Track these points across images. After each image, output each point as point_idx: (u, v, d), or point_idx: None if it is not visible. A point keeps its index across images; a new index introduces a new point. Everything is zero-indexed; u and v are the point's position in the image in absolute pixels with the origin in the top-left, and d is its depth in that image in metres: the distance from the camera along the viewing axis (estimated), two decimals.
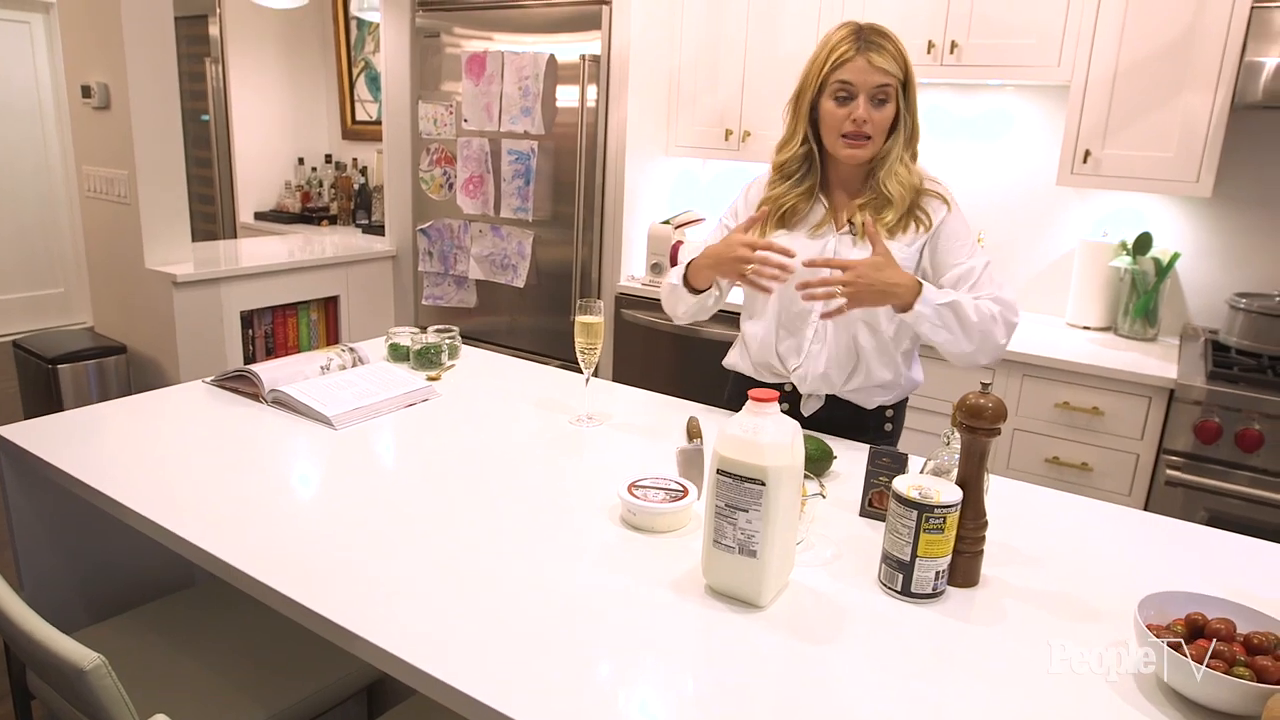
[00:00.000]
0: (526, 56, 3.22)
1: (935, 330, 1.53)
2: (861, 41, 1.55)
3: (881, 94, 1.56)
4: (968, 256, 1.62)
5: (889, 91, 1.56)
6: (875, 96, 1.56)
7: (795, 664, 1.00)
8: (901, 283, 1.50)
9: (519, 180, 3.35)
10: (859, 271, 1.48)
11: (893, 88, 1.56)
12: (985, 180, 3.01)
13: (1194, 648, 0.94)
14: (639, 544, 1.27)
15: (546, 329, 3.44)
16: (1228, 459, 2.23)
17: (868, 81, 1.55)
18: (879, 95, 1.56)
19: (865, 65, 1.54)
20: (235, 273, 3.29)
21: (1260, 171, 2.61)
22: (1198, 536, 1.41)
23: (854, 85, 1.55)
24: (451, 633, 1.03)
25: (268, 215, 4.72)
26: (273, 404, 1.76)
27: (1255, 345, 2.44)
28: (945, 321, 1.53)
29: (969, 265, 1.61)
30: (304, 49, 4.78)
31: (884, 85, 1.55)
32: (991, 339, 1.56)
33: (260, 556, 1.18)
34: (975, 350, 1.56)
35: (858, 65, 1.54)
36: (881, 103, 1.56)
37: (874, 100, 1.56)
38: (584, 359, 1.70)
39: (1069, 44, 2.53)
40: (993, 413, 1.14)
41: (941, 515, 1.10)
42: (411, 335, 2.08)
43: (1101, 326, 2.81)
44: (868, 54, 1.54)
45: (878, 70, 1.54)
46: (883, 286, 1.49)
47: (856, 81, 1.55)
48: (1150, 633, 0.96)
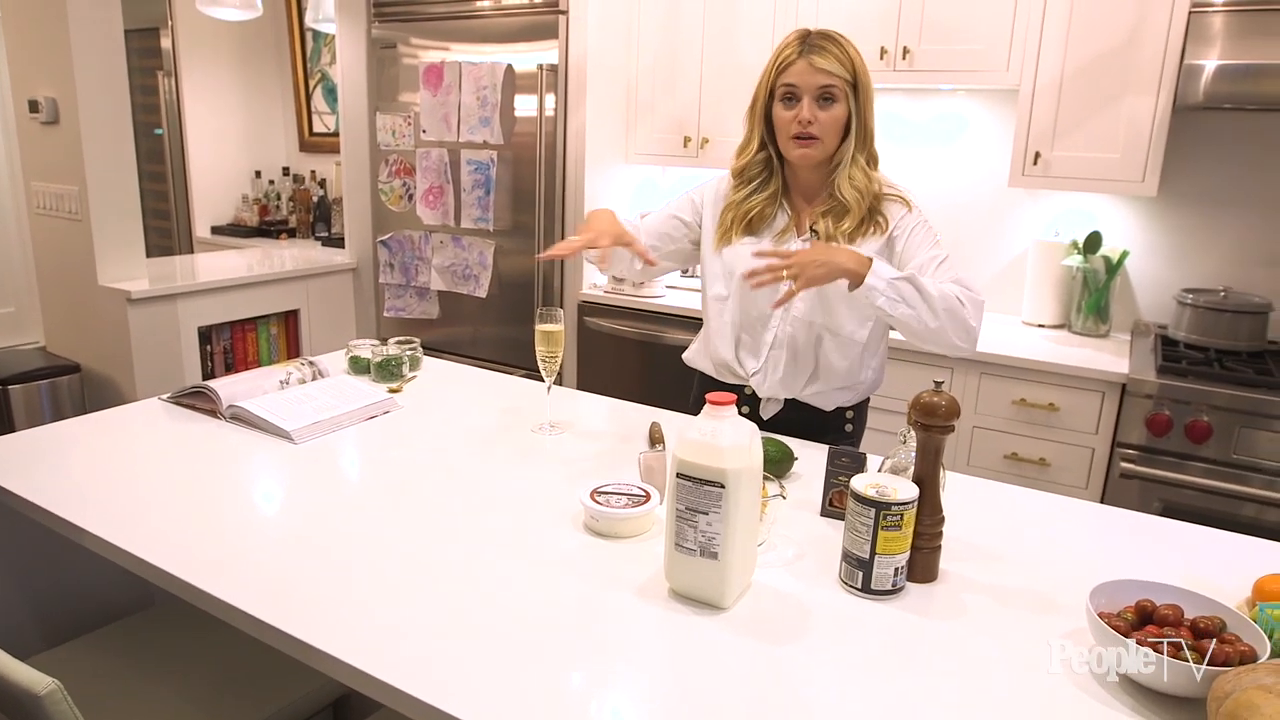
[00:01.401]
0: (484, 66, 3.21)
1: (894, 304, 1.49)
2: (805, 45, 1.59)
3: (826, 94, 1.58)
4: (927, 248, 1.63)
5: (834, 92, 1.58)
6: (820, 96, 1.58)
7: (759, 664, 1.01)
8: (843, 255, 1.50)
9: (479, 190, 3.34)
10: (798, 255, 1.48)
11: (838, 88, 1.58)
12: (941, 183, 3.06)
13: (1143, 634, 0.97)
14: (603, 550, 1.27)
15: (510, 338, 3.43)
16: (1179, 450, 2.28)
17: (811, 83, 1.57)
18: (823, 95, 1.58)
19: (807, 67, 1.57)
20: (192, 288, 3.24)
21: (1203, 171, 2.68)
22: (1150, 526, 1.45)
23: (798, 87, 1.58)
24: (416, 644, 1.03)
25: (225, 229, 4.66)
26: (231, 420, 1.74)
27: (1202, 339, 2.50)
28: (904, 295, 1.50)
29: (928, 255, 1.61)
30: (259, 61, 4.73)
31: (827, 85, 1.57)
32: (959, 317, 1.52)
33: (220, 574, 1.17)
34: (943, 327, 1.52)
35: (800, 67, 1.58)
36: (828, 102, 1.59)
37: (819, 100, 1.58)
38: (545, 367, 1.70)
39: (1017, 49, 2.59)
40: (946, 410, 1.16)
41: (899, 512, 1.12)
42: (372, 347, 2.07)
43: (1056, 324, 2.87)
44: (810, 56, 1.57)
45: (820, 71, 1.56)
46: (822, 259, 1.47)
47: (800, 83, 1.58)
48: (1101, 620, 0.98)
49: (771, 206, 1.70)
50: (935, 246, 1.63)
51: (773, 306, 1.62)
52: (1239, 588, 1.15)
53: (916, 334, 1.54)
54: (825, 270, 1.47)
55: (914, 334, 1.54)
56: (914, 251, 1.63)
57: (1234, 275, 2.67)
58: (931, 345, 1.57)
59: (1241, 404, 2.19)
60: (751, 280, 1.51)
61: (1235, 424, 2.21)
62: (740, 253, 1.70)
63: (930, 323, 1.51)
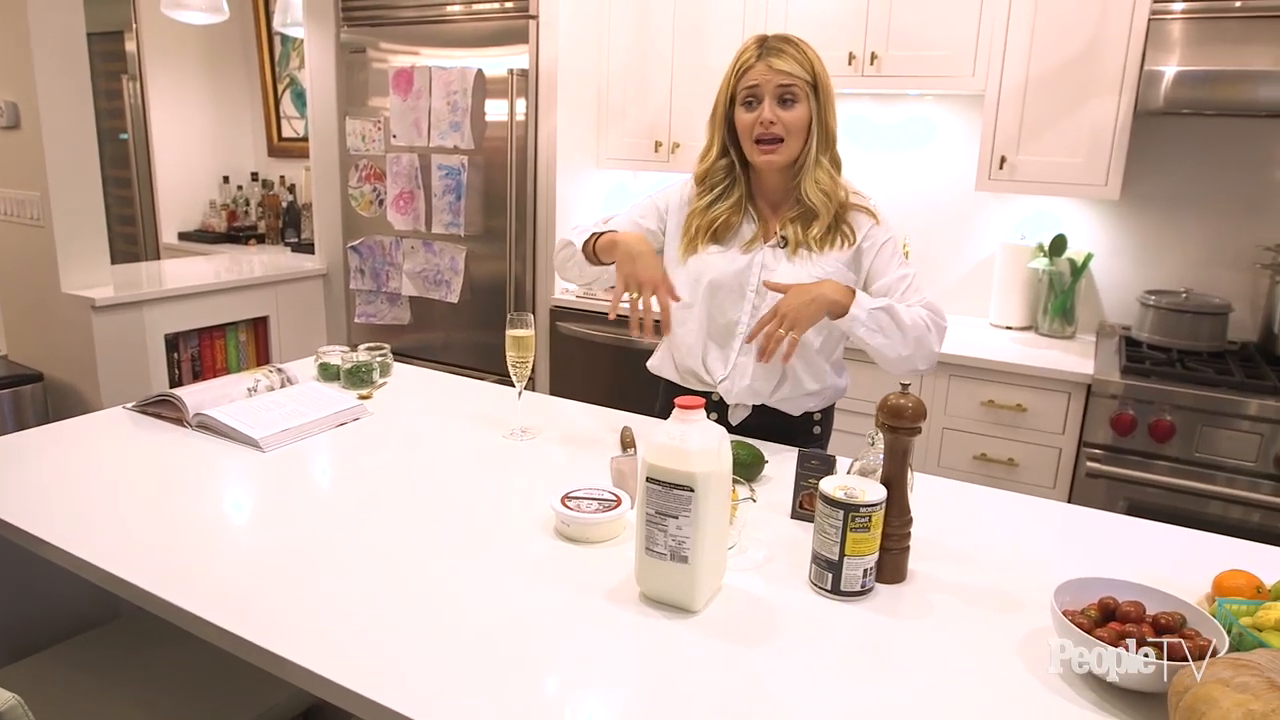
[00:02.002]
0: (454, 71, 3.20)
1: (872, 334, 1.55)
2: (764, 49, 1.60)
3: (786, 94, 1.59)
4: (896, 267, 1.67)
5: (794, 92, 1.59)
6: (781, 97, 1.59)
7: (730, 666, 1.02)
8: (825, 287, 1.54)
9: (450, 195, 3.33)
10: (784, 306, 1.51)
11: (799, 88, 1.59)
12: (909, 187, 3.09)
13: (1106, 630, 0.99)
14: (574, 555, 1.27)
15: (482, 344, 3.42)
16: (1143, 449, 2.32)
17: (771, 83, 1.59)
18: (784, 95, 1.59)
19: (766, 68, 1.59)
20: (158, 295, 3.19)
21: (1164, 174, 2.73)
22: (1115, 525, 1.47)
23: (758, 89, 1.60)
24: (386, 654, 1.02)
25: (192, 235, 4.60)
26: (198, 428, 1.72)
27: (1165, 340, 2.55)
28: (881, 325, 1.55)
29: (898, 275, 1.65)
30: (226, 65, 4.68)
31: (787, 85, 1.59)
32: (926, 344, 1.59)
33: (186, 585, 1.15)
34: (913, 354, 1.58)
35: (759, 69, 1.59)
36: (789, 103, 1.60)
37: (780, 101, 1.60)
38: (516, 373, 1.70)
39: (982, 55, 2.62)
40: (913, 412, 1.17)
41: (867, 514, 1.13)
42: (342, 354, 2.05)
43: (1023, 326, 2.91)
44: (768, 59, 1.59)
45: (779, 72, 1.58)
46: (810, 298, 1.51)
47: (760, 84, 1.59)
48: (1066, 619, 1.00)
49: (737, 215, 1.71)
50: (903, 265, 1.68)
51: (784, 361, 1.58)
52: (1199, 584, 1.17)
53: (885, 359, 1.60)
54: (816, 307, 1.52)
55: (882, 359, 1.60)
56: (883, 269, 1.66)
57: (1195, 277, 2.73)
58: (893, 369, 1.61)
59: (1203, 403, 2.23)
60: (762, 359, 1.54)
61: (1197, 423, 2.25)
62: (707, 261, 1.70)
63: (902, 351, 1.57)
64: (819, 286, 1.54)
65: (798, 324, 1.51)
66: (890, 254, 1.67)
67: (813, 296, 1.52)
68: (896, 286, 1.64)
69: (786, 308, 1.51)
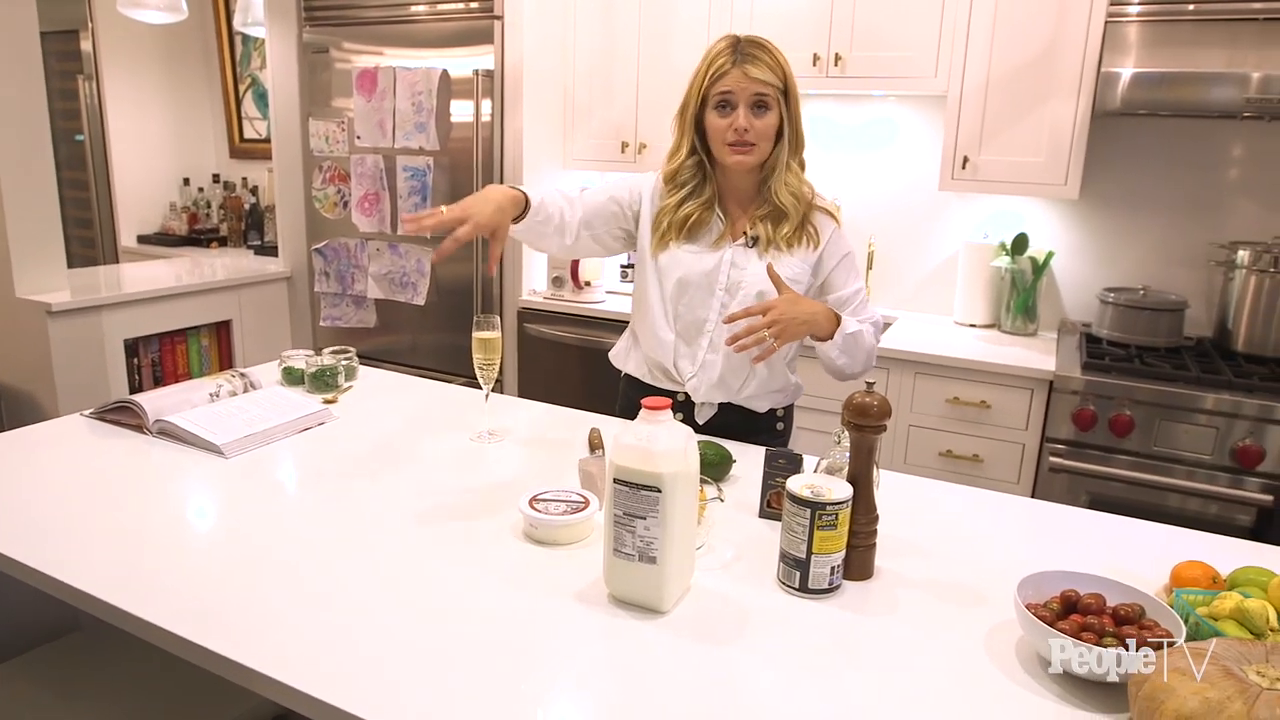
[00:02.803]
0: (419, 72, 3.18)
1: (839, 356, 1.62)
2: (738, 54, 1.60)
3: (760, 101, 1.60)
4: (853, 280, 1.72)
5: (768, 100, 1.60)
6: (755, 104, 1.60)
7: (699, 666, 1.02)
8: (819, 312, 1.58)
9: (415, 197, 3.30)
10: (780, 310, 1.52)
11: (771, 96, 1.60)
12: (874, 187, 3.12)
13: (1067, 622, 1.00)
14: (542, 558, 1.26)
15: (449, 346, 3.39)
16: (1104, 444, 2.36)
17: (746, 91, 1.59)
18: (758, 103, 1.60)
19: (742, 76, 1.59)
20: (117, 299, 3.13)
21: (1122, 174, 2.79)
22: (1077, 519, 1.50)
23: (733, 95, 1.60)
24: (353, 661, 1.01)
25: (152, 238, 4.52)
26: (158, 435, 1.69)
27: (1124, 336, 2.60)
28: (848, 349, 1.62)
29: (854, 289, 1.72)
30: (186, 65, 4.61)
31: (761, 94, 1.60)
32: (869, 361, 1.69)
33: (146, 595, 1.13)
34: (860, 371, 1.68)
35: (735, 76, 1.59)
36: (762, 110, 1.61)
37: (754, 108, 1.60)
38: (483, 375, 1.69)
39: (944, 56, 2.65)
40: (878, 410, 1.18)
41: (834, 512, 1.13)
42: (306, 358, 2.03)
43: (986, 324, 2.94)
44: (744, 66, 1.59)
45: (755, 80, 1.59)
46: (804, 318, 1.55)
47: (735, 91, 1.60)
48: (1028, 611, 1.01)
49: (709, 212, 1.71)
50: (858, 277, 1.74)
51: (754, 362, 1.60)
52: (1158, 575, 1.20)
53: (837, 371, 1.67)
54: (805, 329, 1.56)
55: (834, 370, 1.68)
56: (841, 281, 1.71)
57: (1152, 274, 2.78)
58: (836, 377, 1.70)
59: (1161, 398, 2.28)
60: (734, 346, 1.54)
61: (1155, 417, 2.29)
62: (678, 258, 1.71)
63: (855, 370, 1.67)
64: (814, 307, 1.58)
65: (783, 335, 1.52)
66: (848, 266, 1.73)
67: (807, 317, 1.55)
68: (852, 300, 1.71)
69: (779, 315, 1.51)
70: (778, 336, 1.51)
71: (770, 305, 1.53)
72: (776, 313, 1.51)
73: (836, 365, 1.65)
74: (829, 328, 1.59)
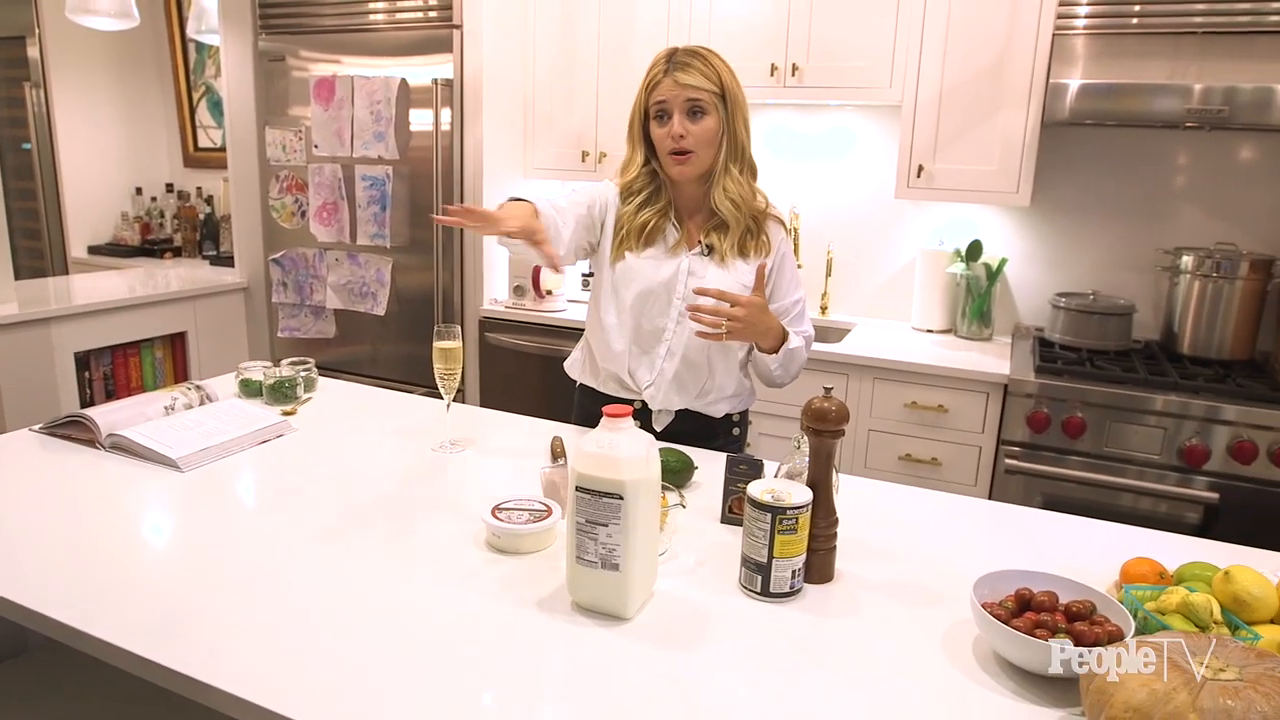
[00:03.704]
0: (377, 80, 3.16)
1: (778, 368, 1.71)
2: (671, 63, 1.64)
3: (694, 107, 1.63)
4: (794, 290, 1.77)
5: (702, 104, 1.63)
6: (689, 110, 1.63)
7: (663, 672, 1.02)
8: (774, 328, 1.65)
9: (375, 206, 3.28)
10: (747, 311, 1.58)
11: (706, 101, 1.63)
12: (832, 195, 3.16)
13: (1022, 620, 1.03)
14: (506, 567, 1.26)
15: (410, 356, 3.37)
16: (1057, 446, 2.41)
17: (677, 96, 1.62)
18: (692, 108, 1.63)
19: (673, 84, 1.62)
20: (67, 311, 3.06)
21: (1072, 182, 2.86)
22: (1031, 519, 1.53)
23: (667, 103, 1.63)
24: (315, 675, 1.00)
25: (103, 249, 4.42)
26: (111, 450, 1.66)
27: (1075, 340, 2.66)
28: (785, 362, 1.70)
29: (794, 299, 1.76)
30: (138, 72, 4.53)
31: (694, 99, 1.62)
32: (798, 371, 1.76)
33: (100, 613, 1.11)
34: (789, 382, 1.76)
35: (667, 84, 1.63)
36: (697, 115, 1.63)
37: (689, 114, 1.63)
38: (444, 385, 1.68)
39: (899, 67, 2.70)
40: (836, 415, 1.20)
41: (794, 516, 1.15)
42: (264, 369, 2.00)
43: (943, 329, 3.00)
44: (674, 74, 1.62)
45: (685, 86, 1.62)
46: (762, 329, 1.63)
47: (669, 99, 1.63)
48: (984, 610, 1.03)
49: (664, 220, 1.73)
50: (799, 286, 1.79)
51: (698, 335, 1.63)
52: (1109, 572, 1.23)
53: (766, 380, 1.76)
54: (757, 338, 1.65)
55: (763, 378, 1.76)
56: (784, 290, 1.76)
57: (1102, 279, 2.85)
58: (765, 384, 1.79)
59: (1111, 400, 2.34)
60: (691, 313, 1.60)
61: (1106, 419, 2.35)
62: (636, 267, 1.72)
63: (784, 380, 1.75)
64: (773, 322, 1.66)
65: (738, 334, 1.60)
66: (789, 274, 1.77)
67: (764, 329, 1.64)
68: (791, 310, 1.76)
69: (745, 315, 1.58)
70: (731, 332, 1.58)
71: (743, 302, 1.57)
72: (744, 312, 1.57)
73: (772, 375, 1.73)
74: (775, 344, 1.68)
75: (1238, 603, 1.04)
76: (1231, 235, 2.66)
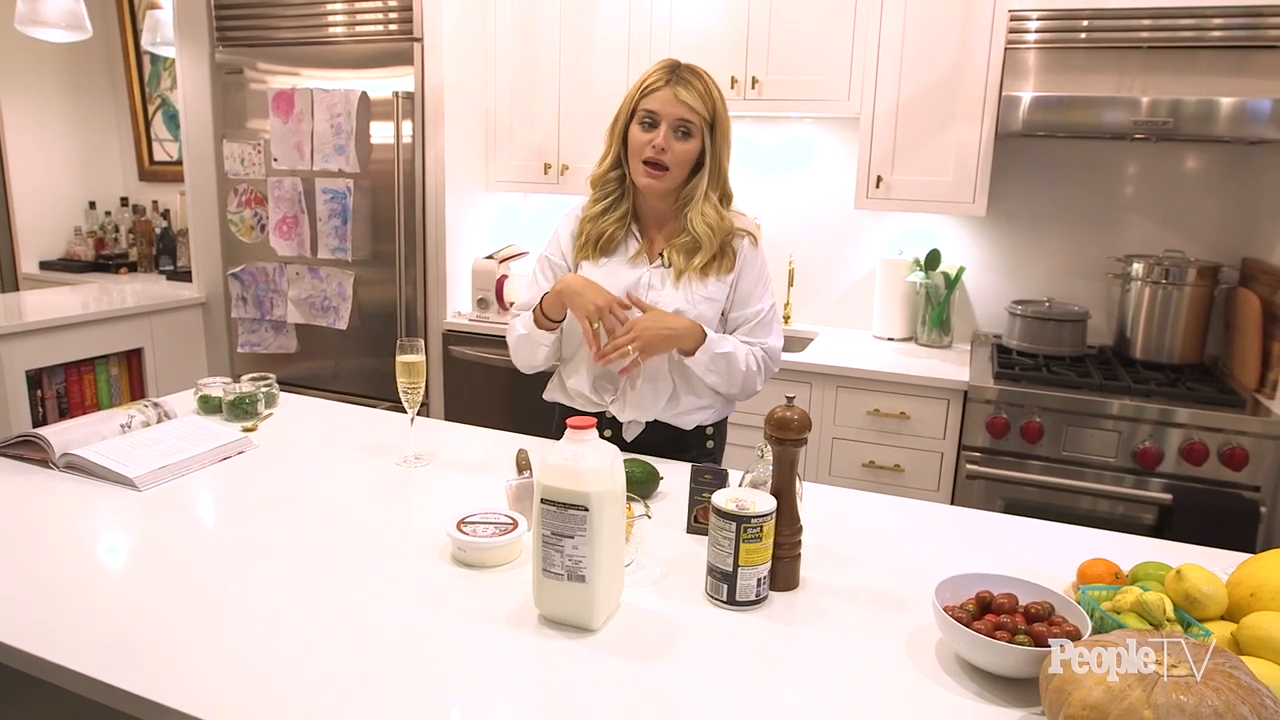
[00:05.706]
0: (337, 94, 3.14)
1: (708, 374, 1.70)
2: (673, 76, 1.64)
3: (683, 126, 1.63)
4: (757, 300, 1.75)
5: (691, 126, 1.64)
6: (677, 128, 1.63)
7: (630, 682, 1.03)
8: (681, 327, 1.64)
9: (336, 220, 3.25)
10: (642, 326, 1.61)
11: (696, 125, 1.64)
12: (793, 206, 3.20)
13: (983, 622, 1.04)
14: (472, 581, 1.25)
15: (373, 370, 3.34)
16: (1016, 450, 2.46)
17: (671, 112, 1.62)
18: (681, 127, 1.63)
19: (670, 97, 1.62)
20: (18, 328, 2.99)
21: (1026, 192, 2.92)
22: (992, 523, 1.56)
23: (657, 114, 1.63)
24: (279, 694, 0.98)
25: (56, 265, 4.33)
26: (65, 469, 1.62)
27: (1032, 346, 2.71)
28: (717, 369, 1.69)
29: (757, 308, 1.75)
30: (91, 85, 4.45)
31: (685, 119, 1.63)
32: (750, 386, 1.74)
33: (53, 637, 1.08)
34: (737, 393, 1.76)
35: (663, 95, 1.63)
36: (684, 135, 1.64)
37: (676, 131, 1.63)
38: (408, 399, 1.67)
39: (856, 80, 2.74)
40: (798, 424, 1.21)
41: (758, 524, 1.16)
42: (224, 385, 1.98)
43: (904, 337, 3.04)
44: (675, 87, 1.62)
45: (681, 104, 1.62)
46: (665, 332, 1.63)
47: (660, 110, 1.63)
48: (946, 614, 1.05)
49: (622, 229, 1.74)
50: (765, 296, 1.77)
51: (621, 373, 1.69)
52: (1066, 573, 1.25)
53: (714, 389, 1.75)
54: (668, 343, 1.65)
55: (712, 388, 1.75)
56: (747, 299, 1.75)
57: (1056, 287, 2.91)
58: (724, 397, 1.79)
59: (1067, 405, 2.39)
60: (600, 362, 1.65)
61: (1063, 423, 2.40)
62: (592, 276, 1.71)
63: (729, 390, 1.74)
64: (677, 322, 1.64)
65: (647, 348, 1.62)
66: (758, 285, 1.76)
67: (668, 332, 1.63)
68: (750, 319, 1.75)
69: (641, 330, 1.61)
70: (641, 350, 1.61)
71: (632, 324, 1.61)
72: (639, 329, 1.61)
73: (708, 382, 1.72)
74: (693, 344, 1.66)
75: (1189, 600, 1.06)
76: (1179, 243, 2.74)
